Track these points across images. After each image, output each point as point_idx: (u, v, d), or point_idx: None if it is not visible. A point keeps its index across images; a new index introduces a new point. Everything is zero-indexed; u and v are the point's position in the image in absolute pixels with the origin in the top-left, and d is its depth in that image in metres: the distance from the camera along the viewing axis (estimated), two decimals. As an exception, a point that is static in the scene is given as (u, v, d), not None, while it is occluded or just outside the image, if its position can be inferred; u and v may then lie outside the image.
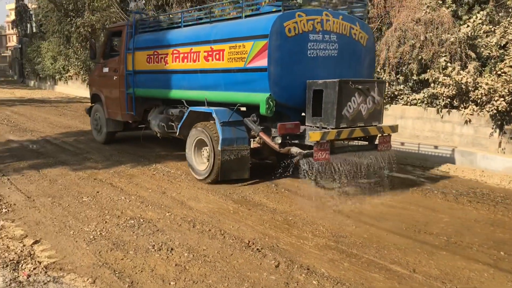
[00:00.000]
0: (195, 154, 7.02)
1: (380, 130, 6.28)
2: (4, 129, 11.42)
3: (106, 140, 9.76)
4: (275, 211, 5.47)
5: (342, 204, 5.80)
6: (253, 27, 6.22)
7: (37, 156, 8.41)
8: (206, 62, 6.86)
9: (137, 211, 5.39)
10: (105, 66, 9.57)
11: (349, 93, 5.81)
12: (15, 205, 5.57)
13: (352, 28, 6.58)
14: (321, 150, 5.67)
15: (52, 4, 23.58)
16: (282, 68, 5.97)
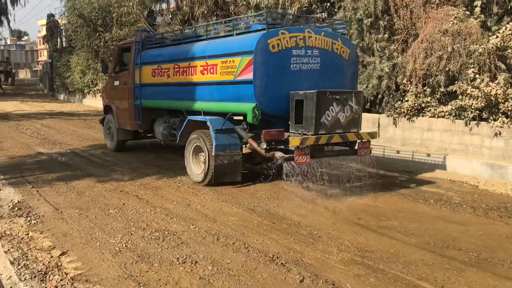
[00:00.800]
0: (193, 159, 7.65)
1: (359, 137, 6.86)
2: (34, 141, 11.70)
3: (117, 148, 10.48)
4: (299, 224, 5.42)
5: (367, 218, 5.72)
6: (241, 44, 6.93)
7: (65, 168, 8.57)
8: (202, 76, 7.60)
9: (162, 224, 5.43)
10: (116, 79, 10.35)
11: (327, 103, 6.42)
12: (43, 217, 5.67)
13: (334, 43, 7.26)
14: (302, 154, 6.27)
15: (81, 19, 24.21)
16: (267, 81, 6.66)
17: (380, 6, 9.97)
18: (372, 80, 9.99)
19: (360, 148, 7.00)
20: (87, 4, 23.72)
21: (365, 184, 7.46)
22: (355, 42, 10.50)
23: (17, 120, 16.65)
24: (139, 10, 19.47)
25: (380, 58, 10.11)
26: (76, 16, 24.48)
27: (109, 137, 10.76)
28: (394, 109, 9.80)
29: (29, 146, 10.92)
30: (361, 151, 6.99)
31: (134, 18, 19.39)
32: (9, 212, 5.83)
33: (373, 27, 10.23)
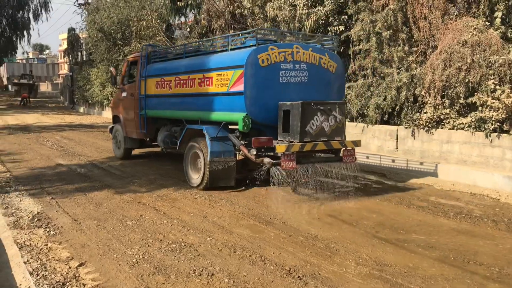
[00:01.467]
0: (190, 165, 8.18)
1: (343, 144, 7.32)
2: (54, 153, 11.87)
3: (124, 155, 11.11)
4: (316, 237, 5.37)
5: (385, 231, 5.64)
6: (233, 58, 7.50)
7: (84, 179, 8.67)
8: (200, 87, 8.16)
9: (179, 235, 5.43)
10: (124, 91, 10.98)
11: (312, 113, 6.88)
12: (62, 228, 5.73)
13: (322, 58, 7.76)
14: (288, 160, 6.70)
15: (101, 33, 24.67)
16: (257, 92, 7.18)
17: (399, 18, 9.94)
18: (390, 92, 9.93)
19: (345, 155, 7.44)
20: (107, 18, 24.17)
21: (382, 197, 7.39)
22: (374, 55, 10.49)
23: (38, 132, 16.93)
24: (157, 24, 19.74)
25: (398, 70, 10.06)
26: (96, 30, 24.96)
27: (117, 145, 11.41)
28: (412, 121, 9.71)
29: (49, 158, 11.09)
30: (346, 158, 7.42)
31: (153, 32, 19.65)
32: (29, 223, 5.90)
33: (392, 40, 10.20)
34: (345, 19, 11.92)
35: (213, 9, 17.95)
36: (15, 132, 16.79)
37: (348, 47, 11.57)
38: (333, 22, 12.15)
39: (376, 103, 10.29)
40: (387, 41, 10.21)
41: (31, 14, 36.22)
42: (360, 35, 10.84)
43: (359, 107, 10.90)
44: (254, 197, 7.33)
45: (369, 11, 10.64)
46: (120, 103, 11.29)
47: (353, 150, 7.50)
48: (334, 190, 7.89)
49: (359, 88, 10.93)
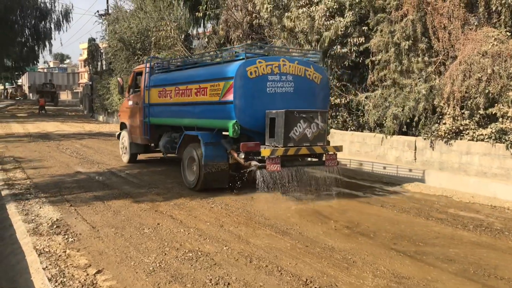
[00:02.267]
0: (187, 168, 8.79)
1: (325, 149, 7.87)
2: (74, 161, 12.03)
3: (130, 159, 11.85)
4: (333, 249, 5.33)
5: (403, 243, 5.58)
6: (224, 71, 8.12)
7: (102, 187, 8.76)
8: (196, 97, 8.77)
9: (195, 244, 5.45)
10: (130, 100, 11.79)
11: (295, 120, 7.43)
12: (80, 235, 5.79)
13: (307, 70, 8.33)
14: (272, 163, 7.32)
15: (121, 43, 25.03)
16: (246, 101, 7.77)
17: (418, 29, 9.90)
18: (409, 102, 9.86)
19: (328, 159, 8.05)
20: (127, 28, 24.53)
21: (400, 208, 7.31)
22: (393, 66, 10.44)
23: (58, 140, 17.19)
24: (176, 34, 19.96)
25: (417, 80, 9.99)
26: (116, 40, 25.34)
27: (124, 150, 12.20)
28: (431, 132, 9.62)
29: (68, 165, 11.24)
30: (328, 162, 8.05)
31: (171, 42, 19.87)
32: (48, 229, 5.98)
33: (411, 50, 10.15)
34: (365, 30, 11.91)
35: (231, 19, 18.10)
36: (36, 140, 17.07)
37: (367, 58, 11.54)
38: (353, 33, 12.14)
39: (394, 114, 10.23)
40: (406, 51, 10.16)
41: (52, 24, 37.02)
42: (379, 45, 10.81)
43: (376, 118, 10.84)
44: (270, 207, 7.32)
45: (388, 22, 10.61)
46: (126, 111, 12.09)
47: (335, 155, 8.10)
48: (351, 201, 7.84)
49: (377, 98, 10.88)
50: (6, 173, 10.03)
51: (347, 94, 12.39)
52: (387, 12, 10.79)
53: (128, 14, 26.37)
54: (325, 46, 12.44)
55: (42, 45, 39.29)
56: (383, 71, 10.95)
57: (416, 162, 10.02)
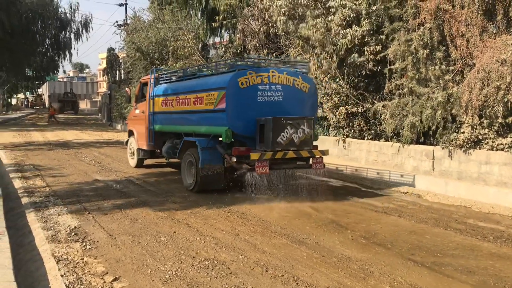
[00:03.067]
0: (186, 171, 9.46)
1: (311, 153, 8.50)
2: (92, 169, 12.18)
3: (137, 164, 12.53)
4: (350, 259, 5.29)
5: (421, 253, 5.50)
6: (218, 81, 8.79)
7: (120, 195, 8.84)
8: (194, 106, 9.45)
9: (211, 253, 5.45)
10: (137, 108, 12.62)
11: (282, 126, 8.07)
12: (98, 242, 5.85)
13: (295, 80, 8.92)
14: (261, 166, 7.93)
15: (139, 53, 25.34)
16: (237, 109, 8.39)
17: (435, 37, 9.83)
18: (426, 111, 9.78)
19: (314, 163, 8.64)
20: (145, 38, 24.84)
21: (418, 218, 7.23)
22: (410, 74, 10.37)
23: (77, 148, 17.41)
24: (193, 44, 20.16)
25: (434, 89, 9.91)
26: (134, 50, 25.66)
27: (131, 156, 12.93)
28: (449, 141, 9.51)
29: (86, 173, 11.37)
30: (315, 165, 8.64)
31: (189, 52, 20.06)
32: (66, 237, 6.05)
33: (428, 58, 10.08)
34: (382, 39, 11.89)
35: (247, 29, 18.22)
36: (55, 148, 17.32)
37: (384, 67, 11.50)
38: (370, 42, 12.12)
39: (411, 123, 10.14)
40: (423, 60, 10.09)
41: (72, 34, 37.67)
42: (396, 54, 10.77)
43: (394, 127, 10.77)
44: (286, 215, 7.30)
45: (405, 30, 10.57)
46: (134, 119, 12.94)
47: (322, 158, 8.70)
48: (368, 210, 7.78)
49: (394, 107, 10.81)
50: (26, 180, 10.19)
51: (364, 103, 12.34)
52: (404, 20, 10.75)
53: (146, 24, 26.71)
54: (341, 54, 12.44)
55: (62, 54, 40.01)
56: (400, 80, 10.89)
57: (434, 171, 9.90)
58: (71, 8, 37.17)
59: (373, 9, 11.91)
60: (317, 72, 12.90)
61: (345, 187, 10.00)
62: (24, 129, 27.02)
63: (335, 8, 12.43)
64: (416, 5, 10.24)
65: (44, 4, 34.01)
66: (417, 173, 10.14)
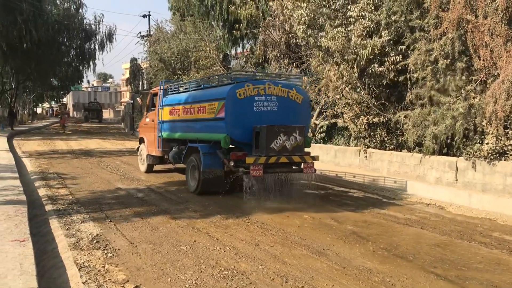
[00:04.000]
0: (190, 175, 10.25)
1: (302, 159, 9.26)
2: (114, 177, 12.33)
3: (147, 170, 13.34)
4: (371, 271, 5.23)
5: (444, 266, 5.40)
6: (218, 92, 9.68)
7: (141, 203, 8.93)
8: (198, 114, 10.27)
9: (231, 262, 5.45)
10: (147, 117, 13.51)
11: (275, 134, 8.86)
12: (119, 250, 5.91)
13: (290, 92, 9.76)
14: (256, 169, 8.66)
15: (161, 63, 25.69)
16: (235, 118, 9.19)
17: (457, 47, 9.72)
18: (448, 121, 9.64)
19: (306, 167, 9.38)
20: (167, 49, 25.18)
21: (441, 230, 7.11)
22: (431, 84, 10.28)
23: (99, 157, 17.66)
24: (215, 54, 20.35)
25: (455, 99, 9.77)
26: (157, 60, 26.03)
27: (141, 162, 13.76)
28: (473, 152, 9.35)
29: (109, 182, 11.52)
30: (306, 169, 9.39)
31: (210, 62, 20.25)
32: (88, 244, 6.13)
33: (449, 69, 9.96)
34: (402, 49, 11.81)
35: (268, 39, 18.31)
36: (78, 157, 17.61)
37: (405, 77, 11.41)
38: (390, 52, 12.06)
39: (433, 133, 10.02)
40: (443, 70, 9.98)
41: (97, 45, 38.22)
42: (416, 64, 10.68)
43: (416, 137, 10.64)
44: (306, 226, 7.26)
45: (426, 41, 10.48)
46: (144, 127, 13.79)
47: (313, 163, 9.42)
48: (390, 221, 7.69)
49: (415, 117, 10.69)
50: (50, 188, 10.38)
51: (385, 113, 12.24)
52: (425, 31, 10.66)
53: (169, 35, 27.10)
54: (362, 64, 12.39)
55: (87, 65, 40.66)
56: (420, 90, 10.78)
57: (457, 183, 9.74)
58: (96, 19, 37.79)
59: (393, 20, 11.85)
60: (338, 82, 12.87)
61: (366, 197, 9.90)
62: (48, 138, 27.55)
63: (354, 19, 12.42)
64: (437, 15, 10.15)
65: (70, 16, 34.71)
66: (439, 184, 9.98)
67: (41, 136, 29.54)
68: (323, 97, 14.67)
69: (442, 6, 10.20)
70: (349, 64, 12.65)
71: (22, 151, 19.55)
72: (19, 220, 6.87)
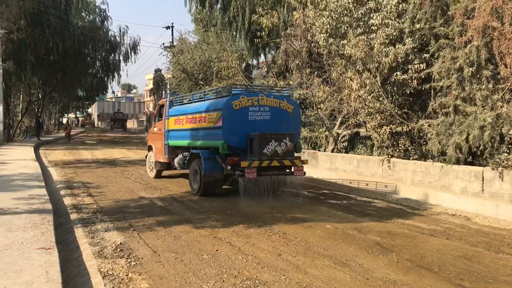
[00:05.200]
0: (192, 178, 11.29)
1: (292, 162, 10.21)
2: (138, 187, 12.47)
3: (156, 175, 14.27)
4: (395, 282, 5.14)
5: (472, 278, 5.28)
6: (216, 104, 10.71)
7: (164, 212, 8.99)
8: (199, 124, 11.36)
9: (253, 272, 5.44)
10: (155, 127, 14.54)
11: (267, 140, 9.87)
12: (142, 259, 5.96)
13: (281, 102, 10.79)
14: (250, 172, 9.66)
15: (184, 74, 25.97)
16: (232, 127, 10.19)
17: (483, 55, 9.58)
18: (473, 131, 9.47)
19: (295, 170, 10.26)
20: (190, 59, 25.46)
21: (468, 242, 6.95)
22: (455, 93, 10.14)
23: (123, 166, 17.88)
24: (237, 64, 20.47)
25: (481, 108, 9.60)
26: (180, 70, 26.33)
27: (150, 168, 14.78)
28: (500, 162, 9.14)
29: (132, 191, 11.65)
30: (296, 172, 10.25)
31: (232, 72, 20.37)
32: (112, 252, 6.20)
33: (475, 77, 9.81)
34: (426, 57, 11.68)
35: (290, 48, 18.34)
36: (103, 166, 17.86)
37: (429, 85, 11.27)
38: (413, 60, 11.94)
39: (457, 142, 9.85)
40: (469, 78, 9.83)
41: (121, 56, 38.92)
42: (441, 72, 10.55)
43: (440, 146, 10.48)
44: (328, 236, 7.20)
45: (450, 48, 10.36)
46: (152, 136, 14.78)
47: (302, 167, 10.31)
48: (414, 232, 7.56)
49: (439, 126, 10.54)
50: (75, 197, 10.55)
51: (408, 122, 12.10)
52: (449, 38, 10.54)
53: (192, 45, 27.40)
54: (384, 73, 12.30)
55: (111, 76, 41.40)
56: (445, 98, 10.63)
57: (483, 193, 9.53)
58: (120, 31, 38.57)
59: (416, 28, 11.75)
60: (360, 91, 12.79)
61: (389, 207, 9.78)
62: (74, 147, 28.05)
63: (376, 26, 12.35)
64: (462, 23, 10.03)
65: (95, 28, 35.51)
66: (465, 194, 9.79)
67: (66, 146, 30.10)
68: (345, 106, 14.59)
69: (467, 14, 10.07)
70: (371, 72, 12.57)
71: (48, 160, 19.96)
72: (45, 228, 7.01)
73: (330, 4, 13.32)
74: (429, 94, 11.45)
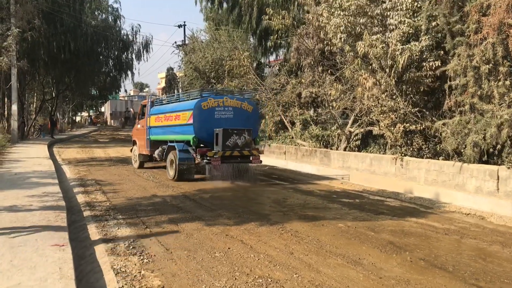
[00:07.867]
0: (169, 167, 13.50)
1: (250, 152, 12.65)
2: (150, 184, 12.52)
3: (139, 166, 16.39)
4: (409, 281, 5.09)
5: (487, 278, 5.20)
6: (188, 105, 13.16)
7: (176, 210, 9.01)
8: (175, 121, 13.73)
9: (265, 270, 5.42)
10: (139, 124, 16.93)
11: (229, 134, 12.28)
12: (155, 256, 5.97)
13: (242, 103, 13.29)
14: (215, 160, 12.09)
15: (196, 72, 26.02)
16: (200, 123, 12.58)
17: (499, 52, 9.44)
18: (490, 129, 9.34)
19: (253, 159, 12.78)
20: (202, 58, 25.50)
21: (482, 241, 6.86)
22: (472, 91, 10.01)
23: (136, 164, 17.96)
24: (248, 63, 20.43)
25: (498, 106, 9.46)
26: (192, 69, 26.38)
27: (134, 160, 16.97)
28: (516, 161, 9.01)
29: (145, 189, 11.70)
30: (254, 160, 12.81)
31: (244, 71, 20.33)
32: (125, 250, 6.23)
33: (491, 74, 9.67)
34: (441, 54, 11.55)
35: (302, 47, 18.27)
36: (116, 164, 17.97)
37: (444, 83, 11.15)
38: (428, 58, 11.82)
39: (474, 141, 9.72)
40: (485, 75, 9.69)
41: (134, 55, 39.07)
42: (457, 69, 10.42)
43: (455, 145, 10.35)
44: (341, 235, 7.15)
45: (466, 46, 10.23)
46: (136, 132, 17.08)
47: (258, 156, 12.85)
48: (428, 231, 7.48)
49: (455, 125, 10.42)
50: (88, 195, 10.62)
51: (422, 121, 11.98)
52: (465, 35, 10.41)
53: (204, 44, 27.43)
54: (399, 71, 12.19)
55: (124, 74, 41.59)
56: (460, 96, 10.51)
57: (498, 192, 9.40)
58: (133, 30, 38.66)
59: (432, 25, 11.63)
60: (374, 89, 12.69)
61: (402, 206, 9.70)
62: (87, 146, 28.27)
63: (394, 26, 12.25)
64: (478, 20, 9.90)
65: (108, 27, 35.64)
66: (479, 193, 9.67)
67: (80, 144, 30.36)
68: (358, 104, 14.49)
69: (483, 11, 9.94)
70: (385, 71, 12.47)
71: (61, 158, 20.14)
72: (59, 225, 7.06)
73: (344, 3, 13.20)
74: (444, 92, 11.32)
